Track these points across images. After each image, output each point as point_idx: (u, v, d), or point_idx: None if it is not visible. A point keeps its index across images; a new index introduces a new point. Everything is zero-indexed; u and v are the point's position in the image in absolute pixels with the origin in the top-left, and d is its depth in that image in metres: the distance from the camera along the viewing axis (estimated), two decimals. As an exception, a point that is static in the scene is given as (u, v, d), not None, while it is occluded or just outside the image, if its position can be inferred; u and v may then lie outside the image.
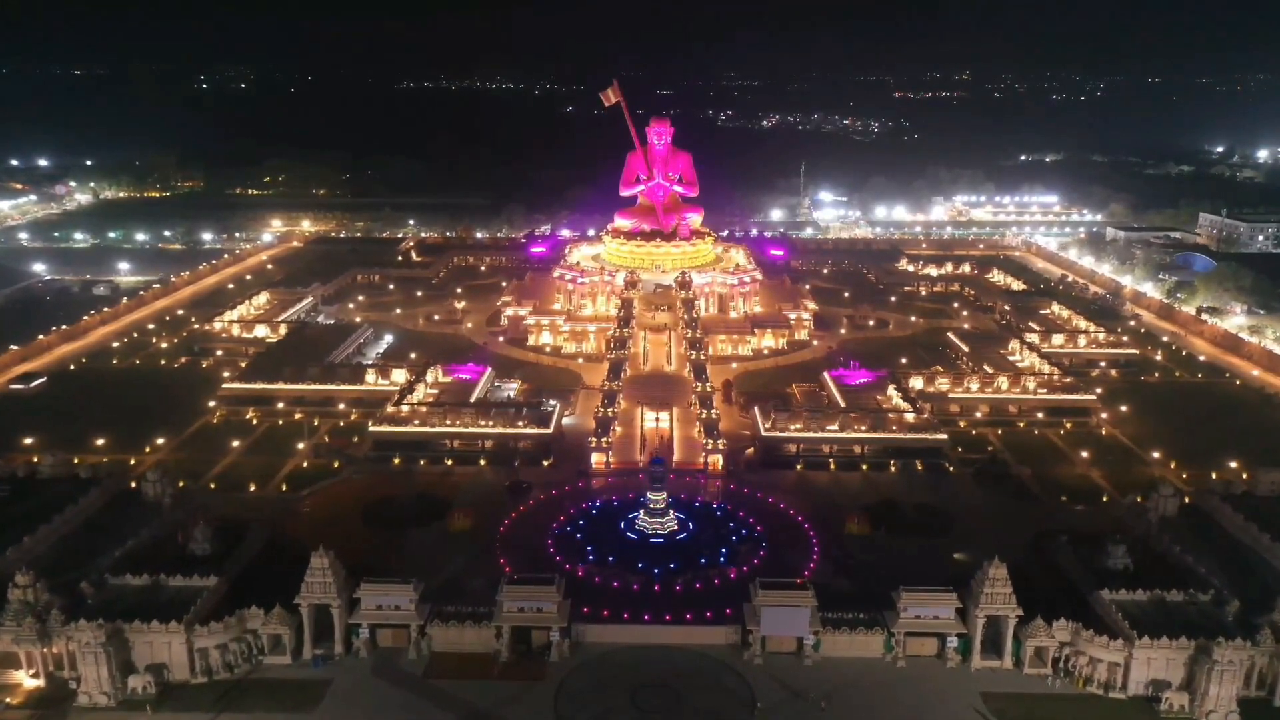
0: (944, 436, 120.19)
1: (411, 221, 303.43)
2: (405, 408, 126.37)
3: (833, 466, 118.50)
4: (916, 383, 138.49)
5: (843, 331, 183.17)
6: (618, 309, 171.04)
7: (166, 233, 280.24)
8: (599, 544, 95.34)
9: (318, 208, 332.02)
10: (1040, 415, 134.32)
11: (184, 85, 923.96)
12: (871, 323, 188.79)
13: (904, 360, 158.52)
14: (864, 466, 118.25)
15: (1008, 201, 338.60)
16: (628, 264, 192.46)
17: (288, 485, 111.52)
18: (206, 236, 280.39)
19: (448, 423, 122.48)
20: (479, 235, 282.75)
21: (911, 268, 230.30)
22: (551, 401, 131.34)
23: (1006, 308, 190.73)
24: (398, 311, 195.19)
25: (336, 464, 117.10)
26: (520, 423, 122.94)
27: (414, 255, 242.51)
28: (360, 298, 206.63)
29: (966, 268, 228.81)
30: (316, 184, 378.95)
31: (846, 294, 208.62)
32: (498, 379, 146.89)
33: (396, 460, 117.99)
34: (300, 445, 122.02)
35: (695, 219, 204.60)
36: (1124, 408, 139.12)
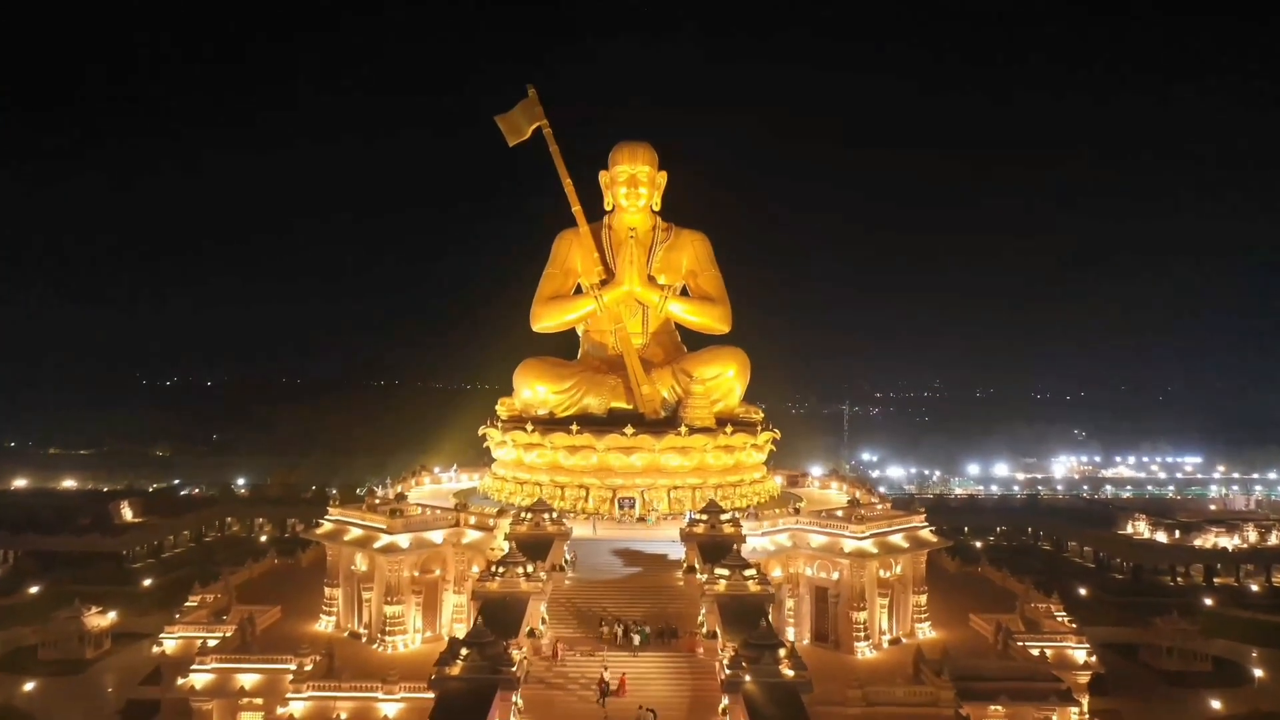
0: None
1: (241, 479, 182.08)
2: None
3: None
4: None
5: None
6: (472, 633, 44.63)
7: None
8: None
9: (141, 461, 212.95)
10: None
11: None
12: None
13: None
14: None
15: (1149, 461, 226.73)
16: (541, 493, 67.91)
17: None
18: None
19: None
20: (318, 489, 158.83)
21: (1162, 537, 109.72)
22: None
23: None
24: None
25: None
26: None
27: (124, 513, 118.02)
28: None
29: (1275, 537, 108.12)
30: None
31: (1084, 591, 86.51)
32: None
33: None
34: None
35: (727, 381, 75.78)
36: None
